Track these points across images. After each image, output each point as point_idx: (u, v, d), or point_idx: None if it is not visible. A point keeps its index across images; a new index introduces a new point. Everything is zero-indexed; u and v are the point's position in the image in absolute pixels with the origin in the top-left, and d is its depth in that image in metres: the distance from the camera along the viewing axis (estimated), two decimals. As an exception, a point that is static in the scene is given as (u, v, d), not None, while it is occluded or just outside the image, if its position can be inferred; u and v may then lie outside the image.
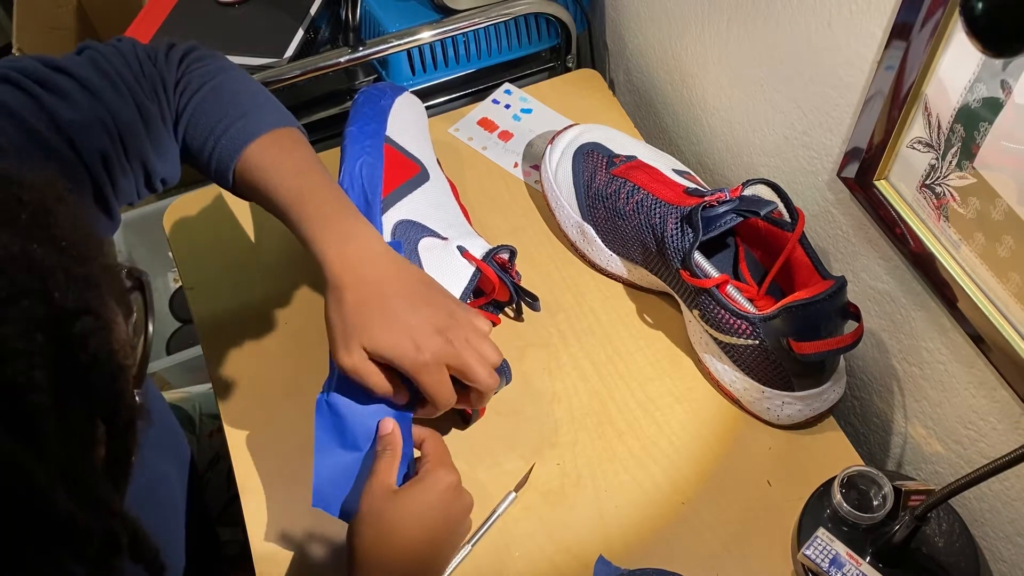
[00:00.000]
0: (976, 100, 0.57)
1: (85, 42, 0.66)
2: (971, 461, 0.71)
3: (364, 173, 0.76)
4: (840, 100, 0.71)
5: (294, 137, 0.69)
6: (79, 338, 0.36)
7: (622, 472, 0.74)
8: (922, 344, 0.72)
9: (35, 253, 0.36)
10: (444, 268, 0.74)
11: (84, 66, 0.62)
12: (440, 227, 0.78)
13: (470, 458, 0.75)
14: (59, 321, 0.36)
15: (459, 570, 0.70)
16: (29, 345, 0.34)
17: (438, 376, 0.63)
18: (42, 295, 0.35)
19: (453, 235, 0.78)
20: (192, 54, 0.69)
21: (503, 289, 0.78)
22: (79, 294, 0.37)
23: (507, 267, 0.78)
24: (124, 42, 0.67)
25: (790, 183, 0.82)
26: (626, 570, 0.68)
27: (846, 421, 0.86)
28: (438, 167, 0.85)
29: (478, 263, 0.75)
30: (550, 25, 1.09)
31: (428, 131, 0.88)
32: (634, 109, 1.11)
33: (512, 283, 0.79)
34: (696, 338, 0.79)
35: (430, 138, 0.87)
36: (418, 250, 0.75)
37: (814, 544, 0.64)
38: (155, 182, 0.66)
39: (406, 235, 0.76)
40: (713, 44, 0.87)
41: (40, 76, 0.59)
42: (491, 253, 0.76)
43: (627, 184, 0.80)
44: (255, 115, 0.67)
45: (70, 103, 0.59)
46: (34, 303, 0.35)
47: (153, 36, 1.06)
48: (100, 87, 0.61)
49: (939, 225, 0.65)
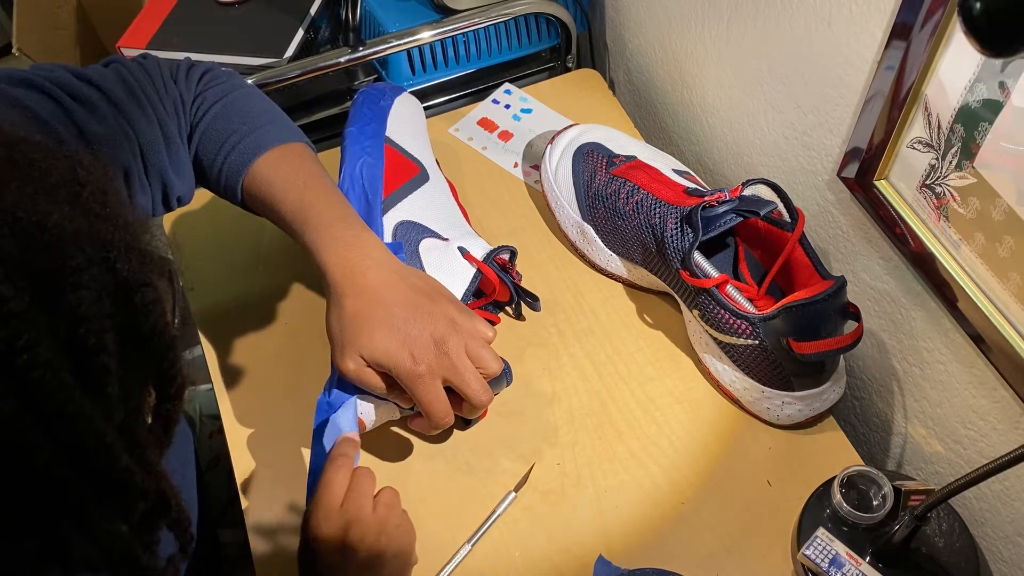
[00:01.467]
0: (976, 100, 0.57)
1: (111, 56, 0.67)
2: (971, 461, 0.71)
3: (365, 174, 0.76)
4: (840, 100, 0.71)
5: (301, 152, 0.70)
6: (141, 307, 0.39)
7: (622, 472, 0.74)
8: (922, 344, 0.72)
9: (99, 227, 0.38)
10: (445, 269, 0.74)
11: (112, 80, 0.64)
12: (441, 228, 0.78)
13: (470, 458, 0.75)
14: (123, 291, 0.38)
15: (459, 570, 0.70)
16: (100, 310, 0.36)
17: (433, 389, 0.64)
18: (108, 266, 0.38)
19: (454, 236, 0.78)
20: (209, 73, 0.71)
21: (504, 290, 0.78)
22: (139, 267, 0.39)
23: (508, 268, 0.78)
24: (149, 60, 0.69)
25: (790, 183, 0.82)
26: (626, 570, 0.68)
27: (846, 421, 0.86)
28: (437, 167, 0.85)
29: (479, 264, 0.75)
30: (550, 25, 1.09)
31: (427, 131, 0.88)
32: (634, 109, 1.11)
33: (513, 284, 0.79)
34: (696, 338, 0.79)
35: (429, 138, 0.87)
36: (419, 251, 0.75)
37: (814, 544, 0.64)
38: (172, 200, 0.68)
39: (407, 236, 0.76)
40: (713, 44, 0.87)
41: (71, 88, 0.61)
42: (492, 254, 0.76)
43: (627, 184, 0.80)
44: (264, 131, 0.69)
45: (98, 117, 0.61)
46: (102, 272, 0.37)
47: (153, 36, 1.06)
48: (126, 103, 0.63)
49: (939, 225, 0.65)
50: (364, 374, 0.64)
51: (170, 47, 1.05)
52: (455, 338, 0.64)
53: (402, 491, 0.73)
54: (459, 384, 0.64)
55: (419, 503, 0.73)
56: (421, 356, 0.63)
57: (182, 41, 1.06)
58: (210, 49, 1.04)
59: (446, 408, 0.65)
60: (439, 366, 0.63)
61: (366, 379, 0.64)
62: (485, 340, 0.66)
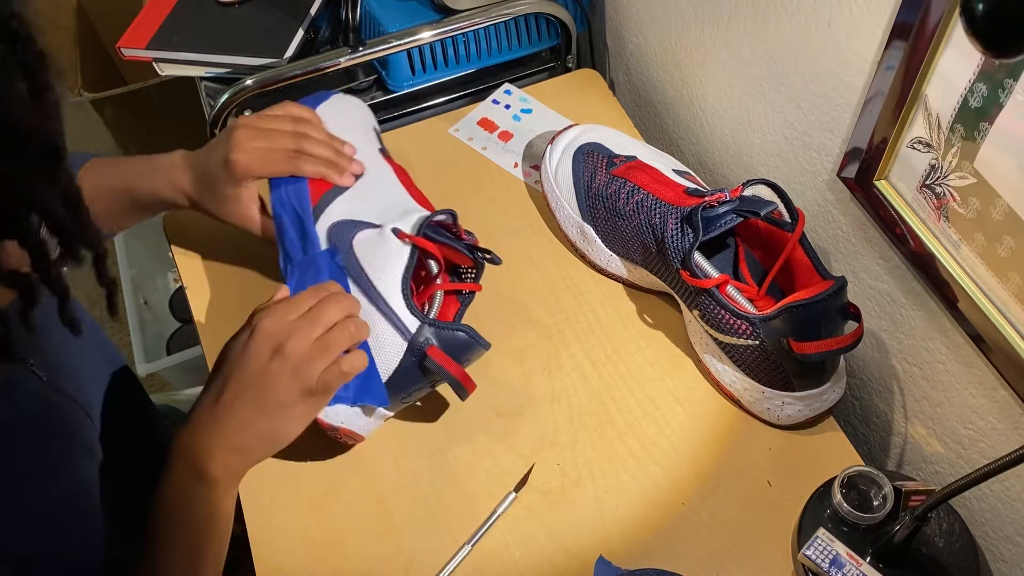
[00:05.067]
0: (976, 100, 0.57)
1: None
2: (971, 461, 0.71)
3: (290, 193, 0.77)
4: (840, 100, 0.71)
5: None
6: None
7: (622, 472, 0.74)
8: (922, 344, 0.72)
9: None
10: (380, 257, 0.72)
11: None
12: (374, 215, 0.77)
13: (470, 458, 0.75)
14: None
15: (459, 570, 0.70)
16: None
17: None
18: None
19: (389, 219, 0.75)
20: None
21: (457, 254, 0.76)
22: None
23: (453, 230, 0.76)
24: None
25: (790, 183, 0.82)
26: (626, 570, 0.68)
27: (846, 421, 0.86)
28: (379, 155, 0.83)
29: (411, 239, 0.72)
30: (550, 25, 1.09)
31: (365, 124, 0.87)
32: (634, 109, 1.11)
33: (463, 244, 0.76)
34: (696, 338, 0.79)
35: (370, 129, 0.86)
36: (353, 247, 0.74)
37: (814, 544, 0.64)
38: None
39: (340, 237, 0.75)
40: (713, 44, 0.87)
41: None
42: (424, 223, 0.73)
43: (627, 184, 0.80)
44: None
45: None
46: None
47: (153, 36, 1.06)
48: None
49: (939, 225, 0.65)
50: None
51: (170, 47, 1.05)
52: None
53: (402, 491, 0.74)
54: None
55: (419, 503, 0.73)
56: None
57: (182, 41, 1.06)
58: (210, 49, 1.04)
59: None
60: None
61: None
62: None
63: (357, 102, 0.88)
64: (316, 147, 0.77)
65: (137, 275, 1.61)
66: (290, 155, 0.76)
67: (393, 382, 0.70)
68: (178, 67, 1.06)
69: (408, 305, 0.70)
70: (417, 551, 0.71)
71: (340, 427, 0.70)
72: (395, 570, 0.70)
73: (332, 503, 0.73)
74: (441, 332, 0.70)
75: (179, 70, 1.06)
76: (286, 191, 0.77)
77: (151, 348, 1.52)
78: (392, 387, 0.70)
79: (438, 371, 0.69)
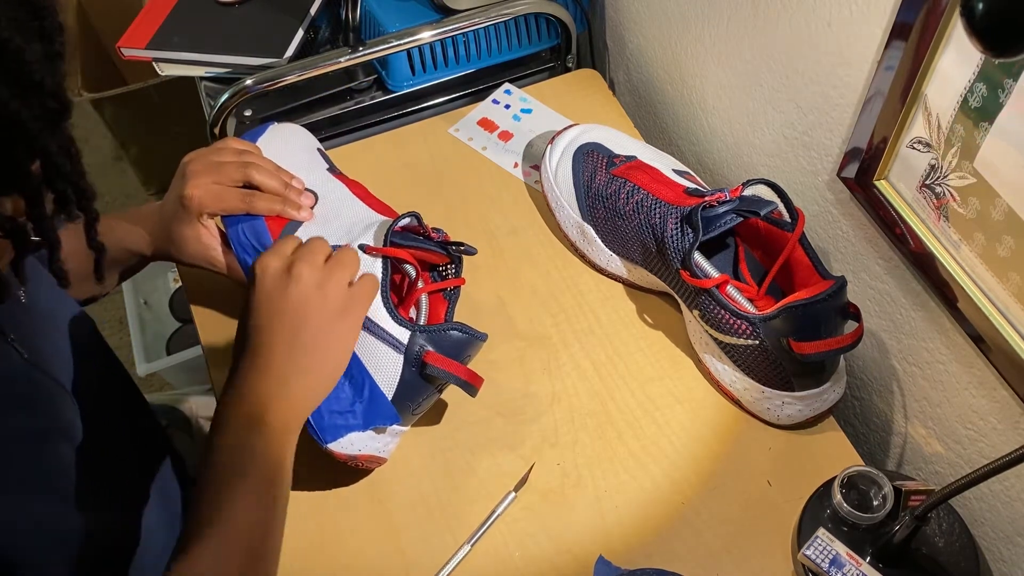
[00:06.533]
0: (976, 100, 0.57)
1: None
2: (971, 461, 0.71)
3: (247, 232, 0.75)
4: (840, 100, 0.71)
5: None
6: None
7: (622, 472, 0.74)
8: (922, 344, 0.72)
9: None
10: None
11: None
12: (338, 237, 0.75)
13: (470, 458, 0.75)
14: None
15: (459, 570, 0.70)
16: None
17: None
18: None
19: (354, 236, 0.74)
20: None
21: (429, 253, 0.75)
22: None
23: (420, 231, 0.75)
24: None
25: (790, 183, 0.82)
26: (626, 570, 0.68)
27: (846, 421, 0.86)
28: (330, 175, 0.81)
29: (380, 251, 0.71)
30: (550, 25, 1.09)
31: (308, 149, 0.84)
32: (634, 109, 1.11)
33: (433, 243, 0.75)
34: (696, 338, 0.79)
35: (314, 154, 0.84)
36: None
37: (814, 544, 0.64)
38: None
39: None
40: (713, 44, 0.87)
41: None
42: (389, 231, 0.71)
43: (627, 184, 0.80)
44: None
45: None
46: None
47: (153, 36, 1.06)
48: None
49: (939, 225, 0.65)
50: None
51: (170, 47, 1.05)
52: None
53: (402, 491, 0.74)
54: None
55: (419, 502, 0.73)
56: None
57: (182, 41, 1.06)
58: (210, 49, 1.05)
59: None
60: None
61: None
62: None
63: (294, 127, 0.86)
64: (263, 176, 0.75)
65: (137, 275, 1.61)
66: (243, 195, 0.75)
67: (399, 397, 0.69)
68: (178, 67, 1.06)
69: (394, 317, 0.69)
70: (417, 551, 0.71)
71: (358, 455, 0.69)
72: (395, 570, 0.70)
73: (332, 503, 0.73)
74: (434, 335, 0.69)
75: (179, 70, 1.06)
76: (243, 231, 0.75)
77: (151, 348, 1.52)
78: (399, 402, 0.69)
79: (441, 375, 0.69)
